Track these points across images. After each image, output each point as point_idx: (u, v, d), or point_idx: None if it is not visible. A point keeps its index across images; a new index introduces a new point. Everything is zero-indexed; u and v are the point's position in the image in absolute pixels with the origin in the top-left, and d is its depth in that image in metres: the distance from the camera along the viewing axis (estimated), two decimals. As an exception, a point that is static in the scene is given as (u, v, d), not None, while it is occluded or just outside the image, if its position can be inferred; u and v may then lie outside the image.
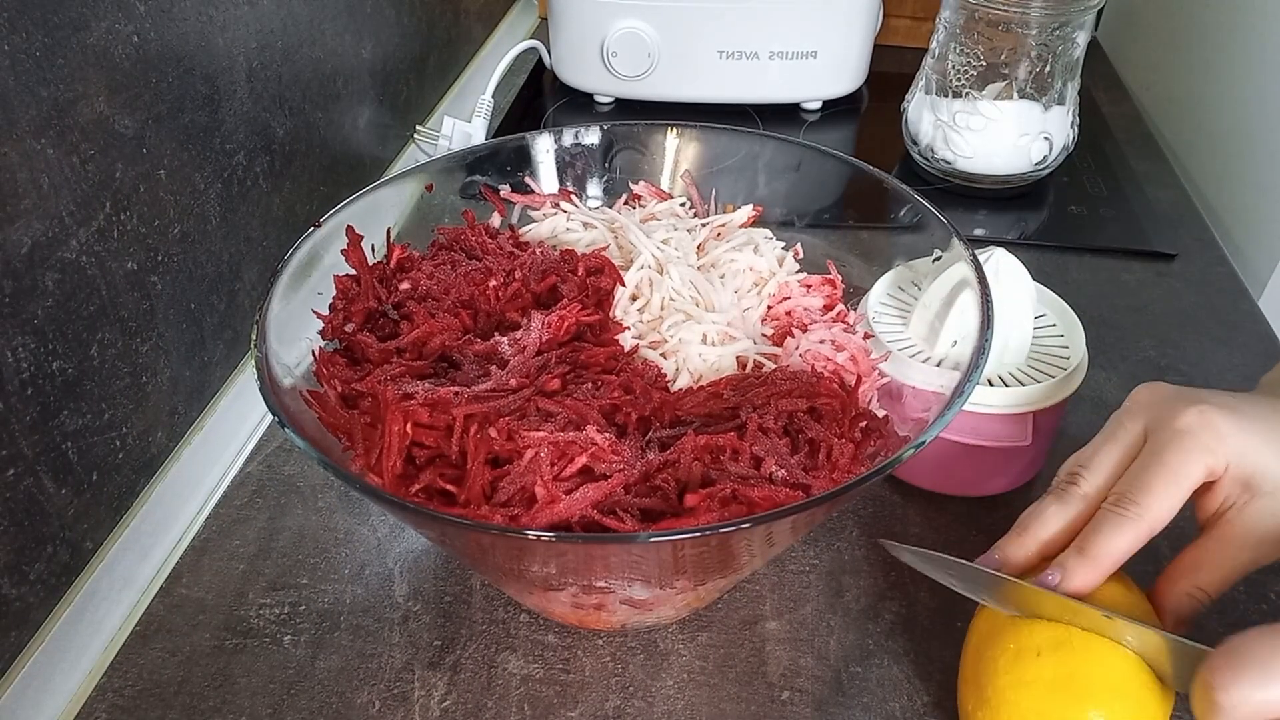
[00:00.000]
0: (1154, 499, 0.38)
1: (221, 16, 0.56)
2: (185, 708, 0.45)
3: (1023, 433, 0.50)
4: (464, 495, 0.38)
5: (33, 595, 0.46)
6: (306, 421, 0.41)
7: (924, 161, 0.81)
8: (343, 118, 0.73)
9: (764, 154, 0.56)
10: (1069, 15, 0.72)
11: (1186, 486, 0.38)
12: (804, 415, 0.42)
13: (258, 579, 0.50)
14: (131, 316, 0.51)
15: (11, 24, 0.41)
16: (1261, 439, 0.38)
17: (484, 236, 0.52)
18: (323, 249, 0.47)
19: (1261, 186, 0.78)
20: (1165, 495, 0.38)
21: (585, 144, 0.57)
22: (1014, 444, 0.50)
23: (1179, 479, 0.38)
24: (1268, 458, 0.38)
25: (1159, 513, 0.38)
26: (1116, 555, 0.38)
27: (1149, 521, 0.38)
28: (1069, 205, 0.80)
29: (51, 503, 0.46)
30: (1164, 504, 0.38)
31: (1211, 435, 0.38)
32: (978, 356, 0.41)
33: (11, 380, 0.43)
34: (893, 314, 0.52)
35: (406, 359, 0.44)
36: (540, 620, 0.48)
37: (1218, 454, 0.38)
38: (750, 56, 0.88)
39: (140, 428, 0.52)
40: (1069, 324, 0.53)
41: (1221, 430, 0.38)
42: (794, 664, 0.46)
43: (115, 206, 0.48)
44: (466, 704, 0.45)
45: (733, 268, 0.51)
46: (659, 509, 0.38)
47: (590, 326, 0.47)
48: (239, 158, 0.59)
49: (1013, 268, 0.50)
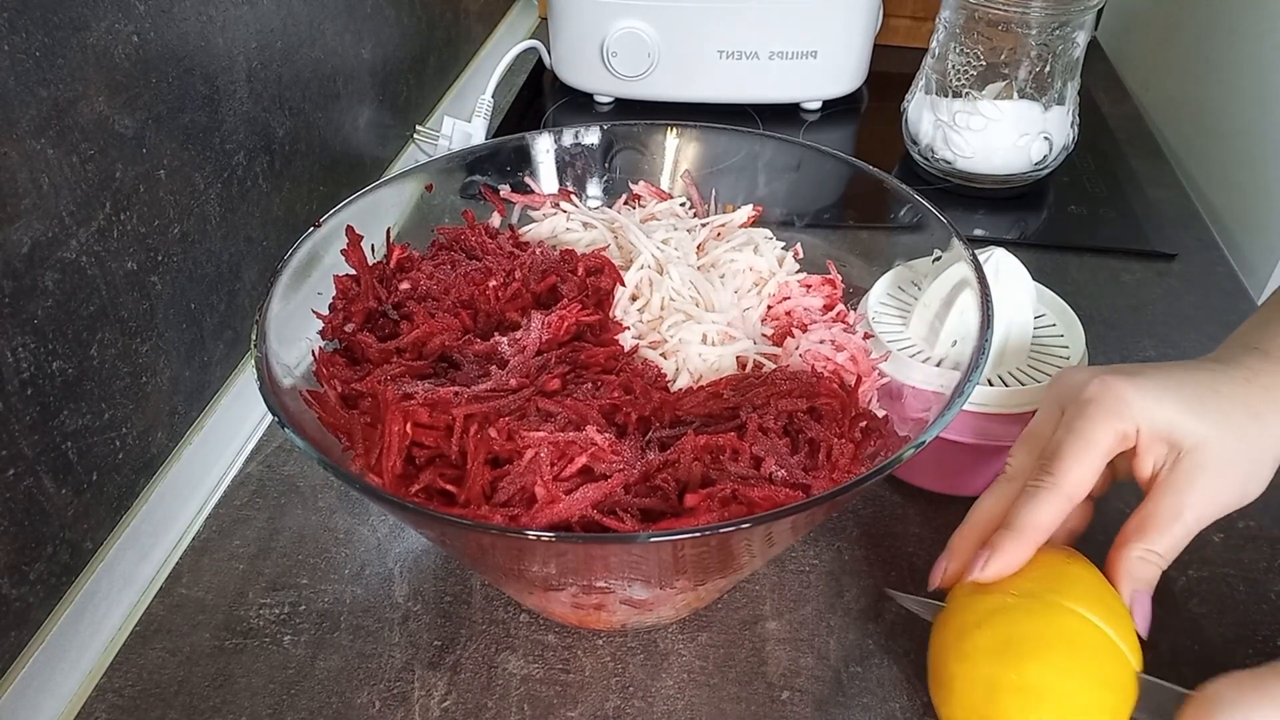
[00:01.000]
0: (1067, 467, 0.39)
1: (221, 16, 0.56)
2: (185, 708, 0.45)
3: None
4: (464, 495, 0.38)
5: (33, 595, 0.46)
6: (306, 421, 0.41)
7: (924, 161, 0.81)
8: (343, 118, 0.73)
9: (764, 154, 0.56)
10: (1069, 15, 0.72)
11: (1098, 453, 0.39)
12: (804, 415, 0.42)
13: (258, 579, 0.50)
14: (131, 316, 0.51)
15: (11, 24, 0.41)
16: (1169, 397, 0.39)
17: (484, 236, 0.52)
18: (323, 249, 0.47)
19: (1261, 186, 0.78)
20: (1078, 462, 0.39)
21: (585, 144, 0.57)
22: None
23: (1089, 445, 0.39)
24: (1179, 415, 0.39)
25: (1075, 480, 0.39)
26: (1040, 526, 0.39)
27: (1066, 490, 0.39)
28: (1069, 205, 0.80)
29: (51, 503, 0.46)
30: (1078, 471, 0.39)
31: (1115, 400, 0.39)
32: (978, 356, 0.41)
33: (11, 380, 0.43)
34: (892, 314, 0.52)
35: (406, 359, 0.44)
36: (540, 620, 0.48)
37: (1125, 418, 0.39)
38: (750, 56, 0.88)
39: (140, 428, 0.52)
40: (1069, 323, 0.53)
41: (1125, 396, 0.39)
42: (794, 664, 0.46)
43: (115, 206, 0.48)
44: (466, 704, 0.45)
45: (733, 268, 0.51)
46: (659, 509, 0.38)
47: (590, 326, 0.47)
48: (239, 158, 0.59)
49: (1012, 267, 0.50)
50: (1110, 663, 0.37)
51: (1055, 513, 0.39)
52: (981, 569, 0.39)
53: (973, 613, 0.39)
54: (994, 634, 0.38)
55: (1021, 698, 0.36)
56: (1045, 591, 0.38)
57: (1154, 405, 0.39)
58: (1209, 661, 0.46)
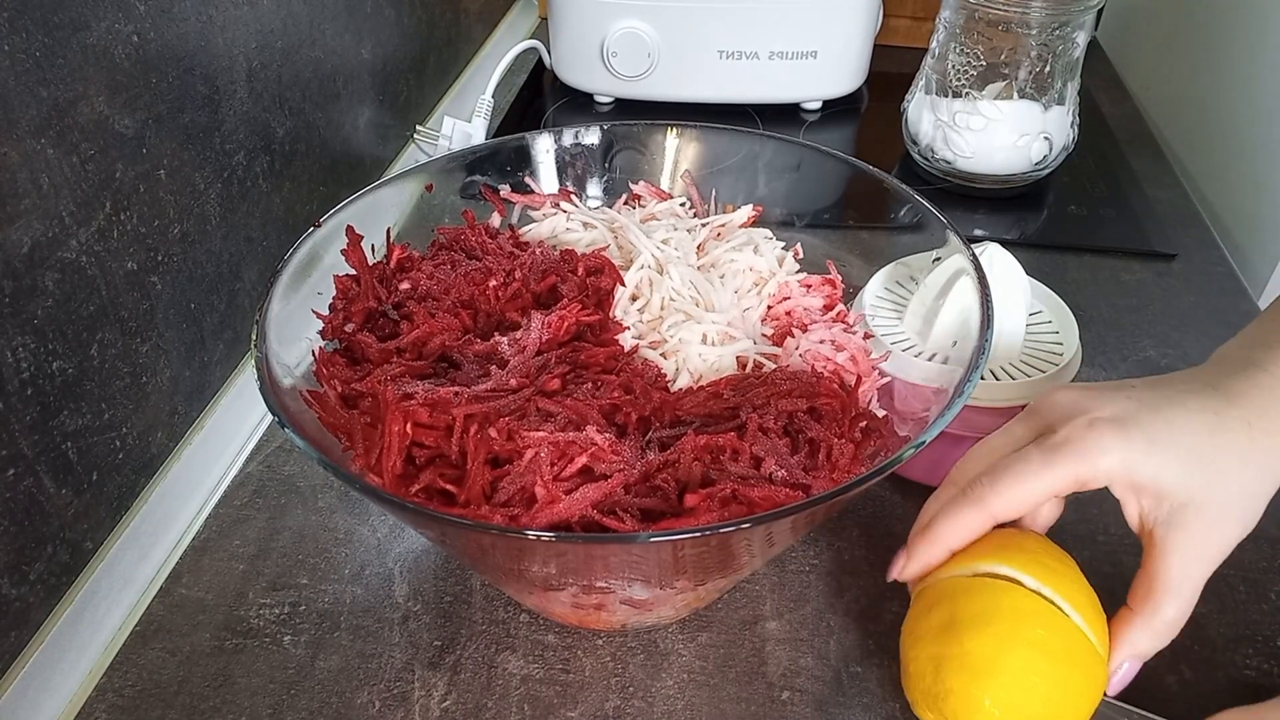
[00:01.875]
0: (1001, 490, 0.38)
1: (221, 16, 0.56)
2: (185, 708, 0.45)
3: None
4: (464, 495, 0.38)
5: (33, 595, 0.46)
6: (306, 421, 0.41)
7: (924, 161, 0.81)
8: (343, 118, 0.73)
9: (764, 154, 0.56)
10: (1069, 15, 0.72)
11: (1039, 488, 0.38)
12: (804, 415, 0.42)
13: (258, 579, 0.50)
14: (131, 316, 0.51)
15: (11, 24, 0.41)
16: (1159, 451, 0.37)
17: (484, 236, 0.52)
18: (323, 249, 0.47)
19: (1261, 186, 0.78)
20: (1014, 488, 0.38)
21: (585, 144, 0.57)
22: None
23: (1034, 478, 0.38)
24: (1170, 468, 0.37)
25: (1003, 505, 0.38)
26: (954, 536, 0.39)
27: (990, 510, 0.39)
28: (1069, 205, 0.80)
29: (51, 503, 0.46)
30: (1011, 497, 0.38)
31: (1094, 447, 0.37)
32: (978, 356, 0.41)
33: (11, 380, 0.43)
34: (888, 309, 0.52)
35: (406, 359, 0.44)
36: (540, 620, 0.48)
37: (1097, 466, 0.37)
38: (750, 56, 0.88)
39: (140, 428, 0.52)
40: (1063, 318, 0.53)
41: (1106, 444, 0.37)
42: (794, 664, 0.46)
43: (115, 206, 0.48)
44: (466, 704, 0.45)
45: (733, 268, 0.51)
46: (659, 509, 0.38)
47: (590, 326, 0.47)
48: (239, 158, 0.59)
49: (1006, 262, 0.50)
50: (1059, 635, 0.37)
51: (972, 529, 0.39)
52: (899, 571, 0.41)
53: (925, 600, 0.40)
54: (940, 614, 0.39)
55: (964, 671, 0.37)
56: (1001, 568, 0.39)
57: (1139, 458, 0.37)
58: (1209, 661, 0.46)
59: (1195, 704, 0.44)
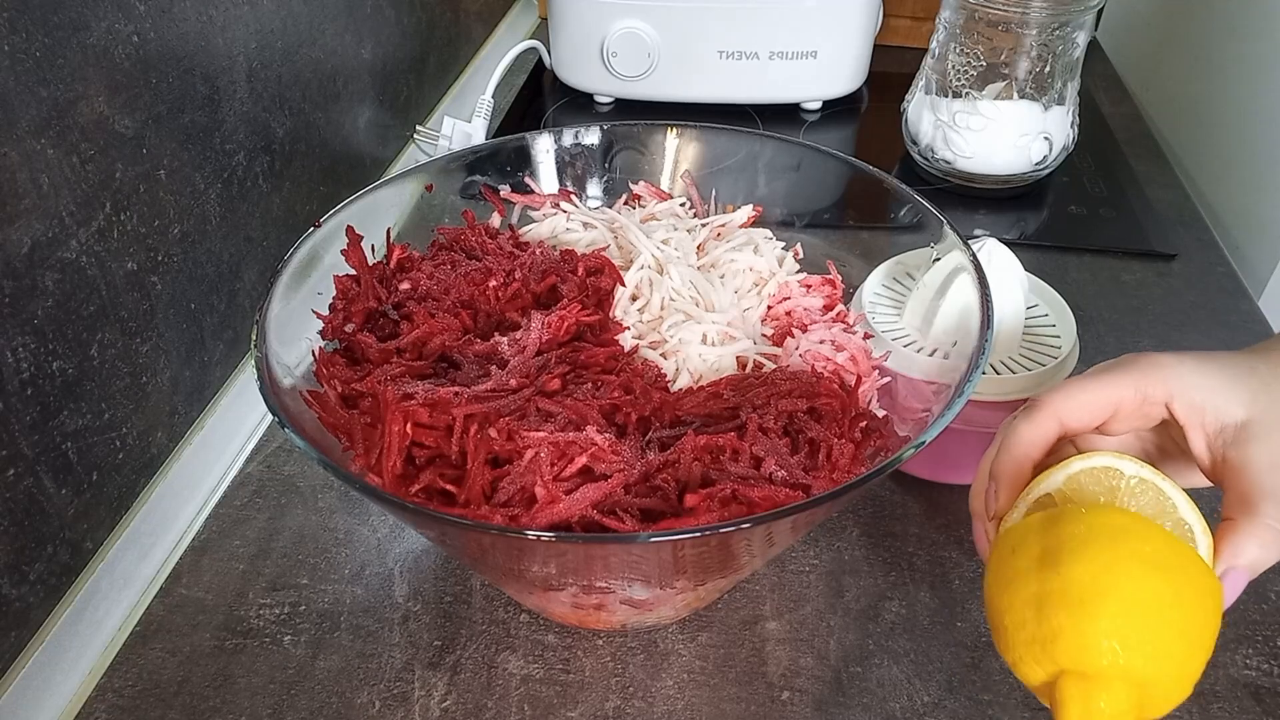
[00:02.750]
0: (1064, 392, 0.38)
1: (221, 16, 0.56)
2: (185, 708, 0.45)
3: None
4: (464, 495, 0.38)
5: (33, 595, 0.46)
6: (306, 421, 0.41)
7: (924, 161, 0.81)
8: (343, 118, 0.73)
9: (764, 154, 0.56)
10: (1069, 15, 0.72)
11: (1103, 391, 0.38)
12: (804, 415, 0.42)
13: (258, 579, 0.50)
14: (131, 316, 0.51)
15: (11, 24, 0.41)
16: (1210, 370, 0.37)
17: (484, 236, 0.52)
18: (323, 249, 0.47)
19: (1261, 186, 0.78)
20: (1078, 391, 0.38)
21: (585, 144, 0.57)
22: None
23: (1097, 383, 0.38)
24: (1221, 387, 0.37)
25: (1067, 405, 0.38)
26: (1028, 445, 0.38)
27: (1058, 414, 0.38)
28: (1069, 205, 0.80)
29: (51, 503, 0.46)
30: (1075, 397, 0.38)
31: (1147, 363, 0.38)
32: (978, 355, 0.41)
33: (11, 380, 0.43)
34: (886, 306, 0.52)
35: (406, 359, 0.44)
36: (540, 620, 0.48)
37: (1151, 377, 0.37)
38: (750, 56, 0.88)
39: (140, 428, 0.52)
40: (1060, 313, 0.53)
41: (1161, 360, 0.38)
42: (794, 664, 0.46)
43: (115, 206, 0.48)
44: (466, 704, 0.45)
45: (733, 268, 0.51)
46: (659, 509, 0.38)
47: (590, 326, 0.47)
48: (239, 158, 0.59)
49: (1004, 257, 0.50)
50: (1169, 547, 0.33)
51: (1042, 435, 0.38)
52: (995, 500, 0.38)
53: (1005, 544, 0.35)
54: (1027, 552, 0.33)
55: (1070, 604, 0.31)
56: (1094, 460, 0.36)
57: (1191, 374, 0.37)
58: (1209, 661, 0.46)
59: (1195, 704, 0.44)
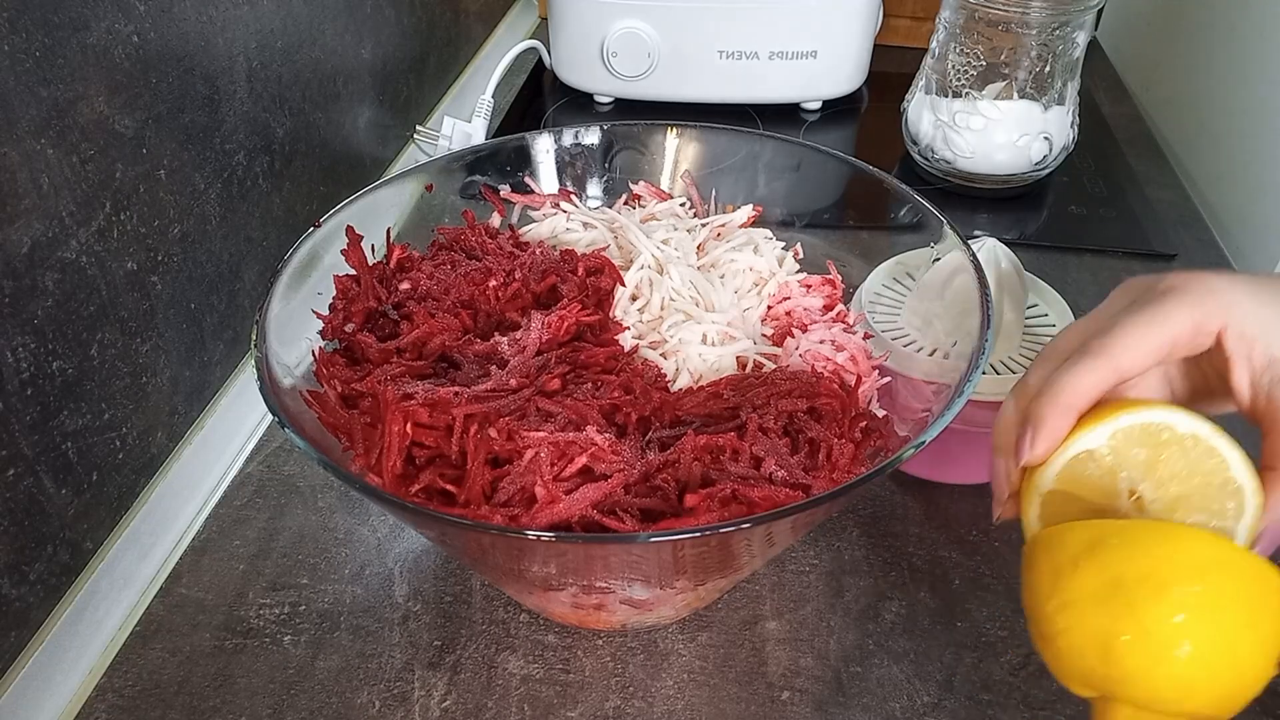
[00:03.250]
0: (1122, 339, 0.34)
1: (221, 16, 0.56)
2: (185, 708, 0.45)
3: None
4: (464, 495, 0.38)
5: (33, 595, 0.46)
6: (306, 421, 0.41)
7: (924, 161, 0.81)
8: (343, 118, 0.73)
9: (764, 154, 0.56)
10: (1069, 15, 0.71)
11: (1162, 332, 0.34)
12: (804, 415, 0.42)
13: (258, 579, 0.50)
14: (131, 316, 0.51)
15: (11, 24, 0.41)
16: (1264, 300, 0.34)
17: (484, 236, 0.52)
18: (323, 249, 0.47)
19: (1261, 186, 0.78)
20: (1136, 336, 0.34)
21: (585, 144, 0.57)
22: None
23: (1153, 322, 0.34)
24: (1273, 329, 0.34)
25: (1127, 355, 0.34)
26: (1078, 393, 0.34)
27: (1115, 361, 0.34)
28: (1069, 205, 0.80)
29: (51, 503, 0.46)
30: (1134, 345, 0.34)
31: (1200, 287, 0.34)
32: (978, 356, 0.41)
33: (11, 380, 0.43)
34: (886, 305, 0.52)
35: (406, 359, 0.44)
36: (540, 620, 0.48)
37: (1207, 306, 0.34)
38: (750, 56, 0.88)
39: (140, 428, 0.52)
40: (1060, 313, 0.53)
41: (1213, 285, 0.34)
42: (794, 664, 0.46)
43: (115, 206, 0.48)
44: (466, 704, 0.45)
45: (733, 268, 0.51)
46: (659, 509, 0.38)
47: (590, 326, 0.47)
48: (239, 158, 0.59)
49: (1004, 257, 0.50)
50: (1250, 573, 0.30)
51: (1097, 384, 0.34)
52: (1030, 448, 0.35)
53: (1065, 547, 0.32)
54: (1097, 574, 0.31)
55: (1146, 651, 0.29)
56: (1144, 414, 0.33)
57: (1247, 301, 0.34)
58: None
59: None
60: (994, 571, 0.50)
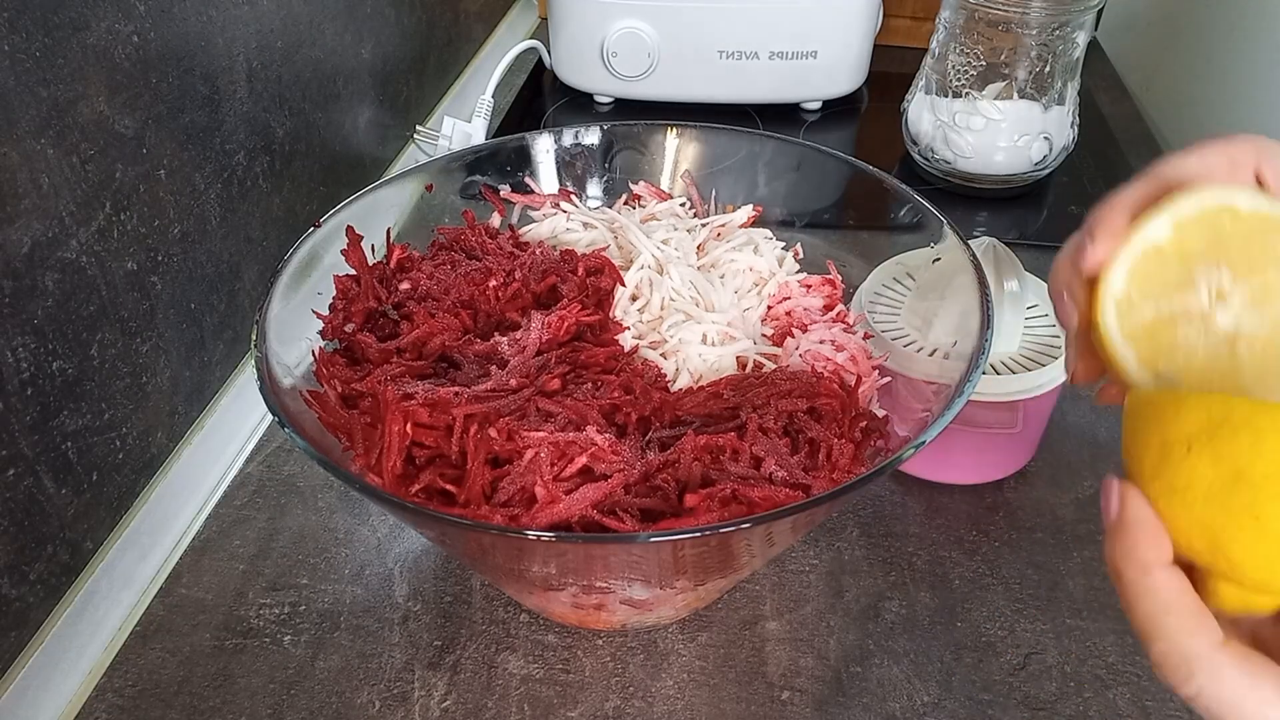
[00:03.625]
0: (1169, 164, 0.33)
1: (221, 16, 0.56)
2: (185, 708, 0.45)
3: (1013, 420, 0.50)
4: (464, 495, 0.38)
5: (33, 595, 0.46)
6: (306, 421, 0.41)
7: (924, 161, 0.81)
8: (343, 118, 0.73)
9: (764, 154, 0.56)
10: (1069, 15, 0.71)
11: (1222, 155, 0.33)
12: (804, 415, 0.42)
13: (258, 579, 0.50)
14: (131, 316, 0.51)
15: (11, 24, 0.41)
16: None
17: (484, 236, 0.52)
18: (323, 249, 0.47)
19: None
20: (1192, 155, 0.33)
21: (585, 144, 0.57)
22: (1004, 431, 0.50)
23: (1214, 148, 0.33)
24: None
25: (1179, 167, 0.33)
26: (1130, 196, 0.33)
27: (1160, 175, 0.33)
28: (1069, 205, 0.80)
29: (51, 503, 0.46)
30: (1190, 161, 0.33)
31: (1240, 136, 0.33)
32: (978, 356, 0.41)
33: (11, 380, 0.43)
34: (886, 305, 0.52)
35: (406, 359, 0.44)
36: (540, 620, 0.48)
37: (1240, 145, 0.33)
38: (750, 56, 0.88)
39: (140, 428, 0.52)
40: None
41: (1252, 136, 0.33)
42: (794, 664, 0.46)
43: (115, 206, 0.48)
44: (466, 704, 0.45)
45: (733, 268, 0.51)
46: (659, 509, 0.38)
47: (590, 326, 0.47)
48: (239, 158, 0.59)
49: (1004, 256, 0.50)
50: None
51: (1145, 189, 0.33)
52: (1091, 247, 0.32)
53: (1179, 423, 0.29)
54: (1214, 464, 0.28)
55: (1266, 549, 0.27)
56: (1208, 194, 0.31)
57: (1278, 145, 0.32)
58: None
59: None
60: (994, 571, 0.50)
